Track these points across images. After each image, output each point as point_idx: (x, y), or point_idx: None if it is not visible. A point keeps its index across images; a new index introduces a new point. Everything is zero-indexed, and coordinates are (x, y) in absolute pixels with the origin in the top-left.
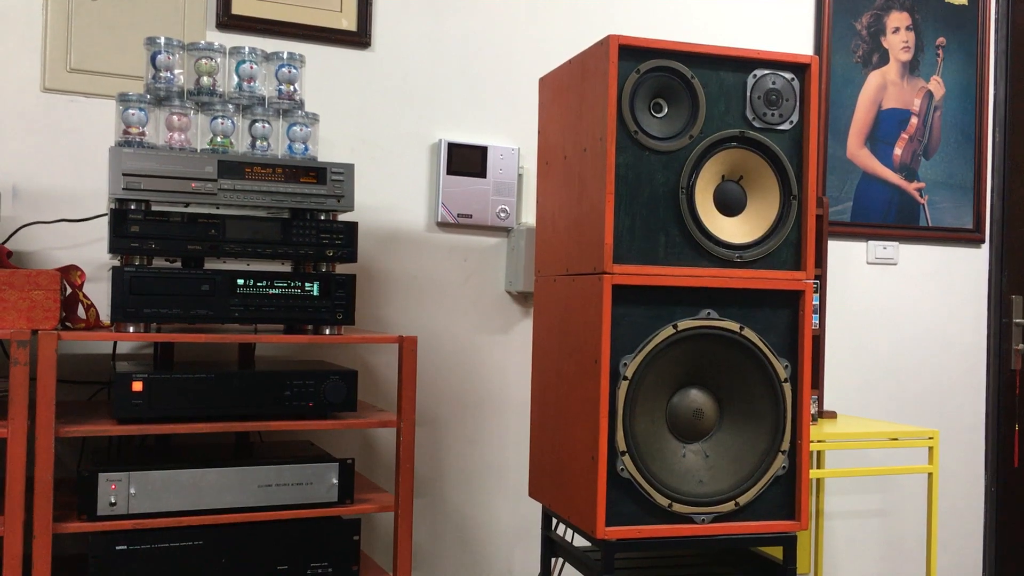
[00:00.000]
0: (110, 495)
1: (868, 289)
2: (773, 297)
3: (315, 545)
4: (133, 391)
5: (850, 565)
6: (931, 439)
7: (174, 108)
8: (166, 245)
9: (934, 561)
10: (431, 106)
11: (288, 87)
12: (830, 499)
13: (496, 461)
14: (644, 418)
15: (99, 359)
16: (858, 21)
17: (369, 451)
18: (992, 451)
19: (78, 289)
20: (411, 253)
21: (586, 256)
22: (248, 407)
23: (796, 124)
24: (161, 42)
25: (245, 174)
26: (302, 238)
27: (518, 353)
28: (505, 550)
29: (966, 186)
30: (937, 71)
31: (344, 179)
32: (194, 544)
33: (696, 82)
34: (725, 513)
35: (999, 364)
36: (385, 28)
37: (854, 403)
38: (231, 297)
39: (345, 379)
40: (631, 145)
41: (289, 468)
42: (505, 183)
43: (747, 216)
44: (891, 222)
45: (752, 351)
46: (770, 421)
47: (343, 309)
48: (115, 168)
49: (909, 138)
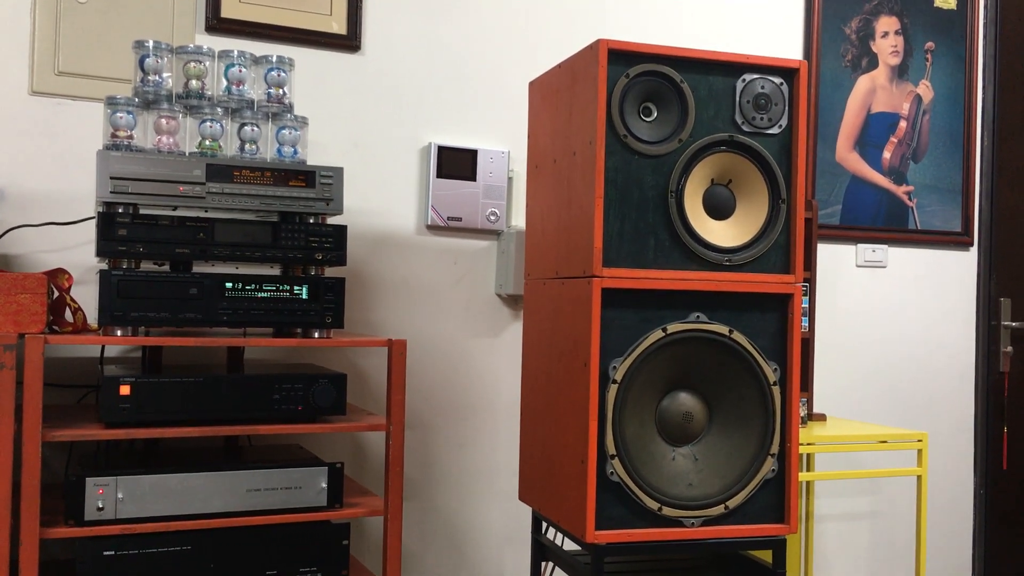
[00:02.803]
0: (97, 500)
1: (857, 292)
2: (762, 300)
3: (304, 550)
4: (121, 395)
5: (840, 568)
6: (920, 441)
7: (162, 111)
8: (154, 248)
9: (924, 563)
10: (421, 109)
11: (277, 90)
12: (820, 502)
13: (486, 465)
14: (634, 421)
15: (86, 363)
16: (847, 25)
17: (359, 455)
18: (981, 453)
19: (65, 292)
20: (401, 256)
21: (576, 259)
22: (237, 411)
23: (785, 128)
24: (150, 45)
25: (234, 177)
26: (291, 241)
27: (508, 356)
28: (495, 554)
29: (955, 189)
30: (926, 75)
31: (333, 182)
32: (182, 549)
33: (685, 86)
34: (715, 517)
35: (988, 366)
36: (375, 32)
37: (844, 406)
38: (220, 300)
39: (334, 383)
40: (620, 149)
41: (278, 472)
42: (495, 186)
43: (736, 220)
44: (880, 225)
45: (741, 354)
46: (759, 424)
47: (332, 312)
48: (103, 171)
49: (898, 142)
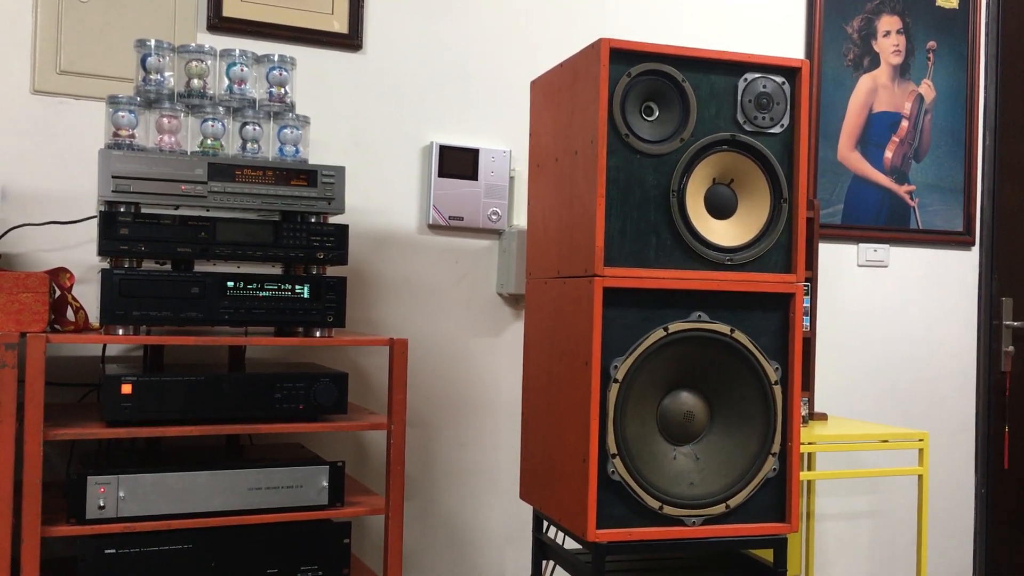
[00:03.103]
0: (99, 498)
1: (859, 291)
2: (764, 300)
3: (305, 548)
4: (122, 394)
5: (841, 567)
6: (921, 441)
7: (164, 110)
8: (156, 247)
9: (925, 562)
10: (423, 108)
11: (279, 89)
12: (821, 501)
13: (487, 463)
14: (635, 420)
15: (88, 362)
16: (849, 25)
17: (360, 454)
18: (982, 453)
19: (67, 291)
20: (402, 255)
21: (577, 259)
22: (238, 410)
23: (787, 127)
24: (151, 44)
25: (235, 177)
26: (293, 240)
27: (509, 355)
28: (496, 553)
29: (956, 189)
30: (928, 74)
31: (335, 182)
32: (184, 548)
33: (687, 85)
34: (716, 516)
35: (989, 366)
36: (377, 30)
37: (845, 405)
38: (221, 299)
39: (336, 381)
40: (622, 148)
41: (279, 471)
42: (496, 186)
43: (738, 219)
44: (882, 225)
45: (743, 353)
46: (761, 423)
47: (334, 311)
48: (104, 170)
49: (900, 141)
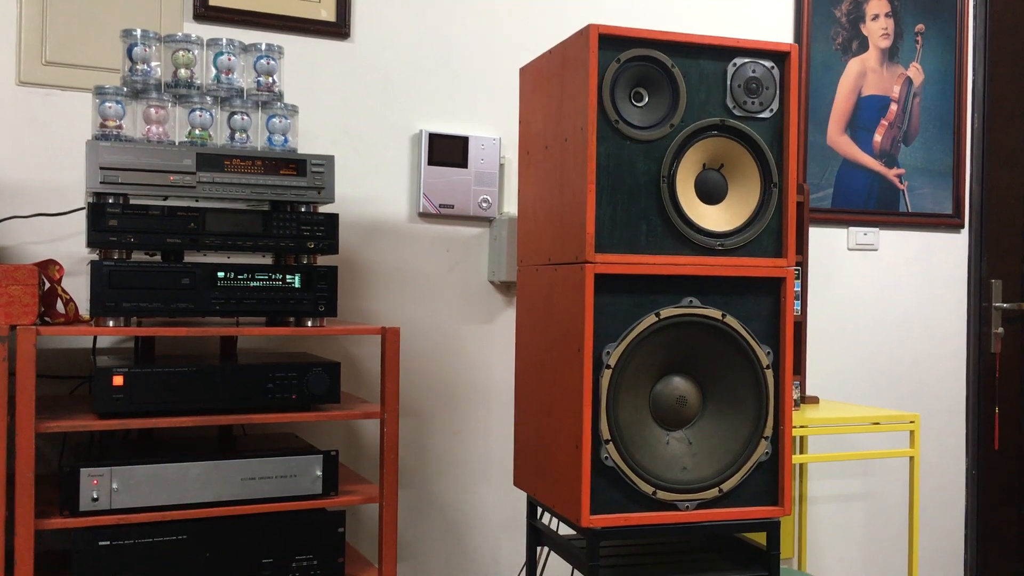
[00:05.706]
0: (92, 490)
1: (849, 275)
2: (755, 284)
3: (300, 538)
4: (114, 385)
5: (833, 549)
6: (912, 423)
7: (151, 101)
8: (145, 239)
9: (916, 543)
10: (412, 97)
11: (267, 79)
12: (813, 484)
13: (481, 451)
14: (628, 406)
15: (79, 354)
16: (837, 8)
17: (353, 443)
18: (973, 434)
19: (56, 284)
20: (393, 244)
21: (568, 245)
22: (230, 400)
23: (776, 112)
24: (138, 34)
25: (224, 167)
26: (283, 230)
27: (501, 343)
28: (491, 540)
29: (945, 172)
30: (916, 58)
31: (324, 171)
32: (178, 538)
33: (676, 71)
34: (709, 500)
35: (979, 348)
36: (364, 18)
37: (836, 388)
38: (212, 290)
39: (328, 371)
40: (612, 134)
41: (273, 461)
42: (487, 173)
43: (728, 204)
44: (871, 208)
45: (734, 338)
46: (753, 407)
47: (325, 301)
48: (92, 162)
49: (889, 125)
